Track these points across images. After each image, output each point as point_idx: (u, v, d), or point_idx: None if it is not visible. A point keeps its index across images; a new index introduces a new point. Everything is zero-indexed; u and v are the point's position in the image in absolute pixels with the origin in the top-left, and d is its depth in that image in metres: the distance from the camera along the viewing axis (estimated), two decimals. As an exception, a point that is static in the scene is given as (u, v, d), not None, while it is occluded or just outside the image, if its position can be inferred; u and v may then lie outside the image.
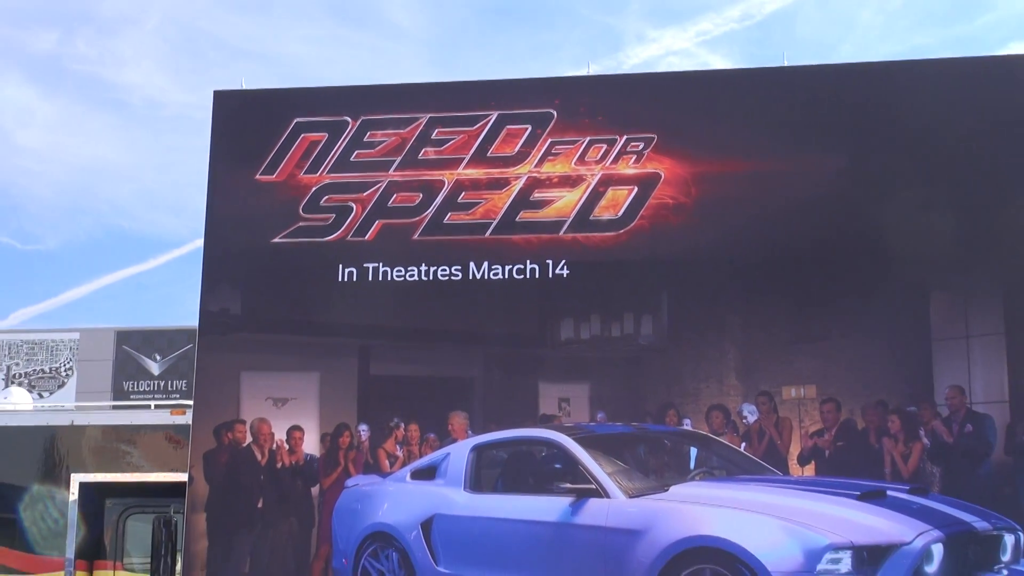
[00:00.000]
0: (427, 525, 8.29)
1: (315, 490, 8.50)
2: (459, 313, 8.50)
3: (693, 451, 8.17)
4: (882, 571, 7.63)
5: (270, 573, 8.49)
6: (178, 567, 11.95)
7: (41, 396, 17.87)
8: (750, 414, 8.08)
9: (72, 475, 12.65)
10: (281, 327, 8.79)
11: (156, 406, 14.29)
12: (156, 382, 25.14)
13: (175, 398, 21.36)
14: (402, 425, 8.44)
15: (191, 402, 13.02)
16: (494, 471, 8.32)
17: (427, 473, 8.41)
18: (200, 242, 8.91)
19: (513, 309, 8.39)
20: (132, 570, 12.67)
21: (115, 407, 17.09)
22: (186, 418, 12.89)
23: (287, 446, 8.54)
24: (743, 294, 8.29)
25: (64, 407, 15.81)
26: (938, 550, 7.58)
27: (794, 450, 7.99)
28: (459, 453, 8.35)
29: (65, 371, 25.73)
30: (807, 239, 8.21)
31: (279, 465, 8.56)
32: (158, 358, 25.52)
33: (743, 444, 8.06)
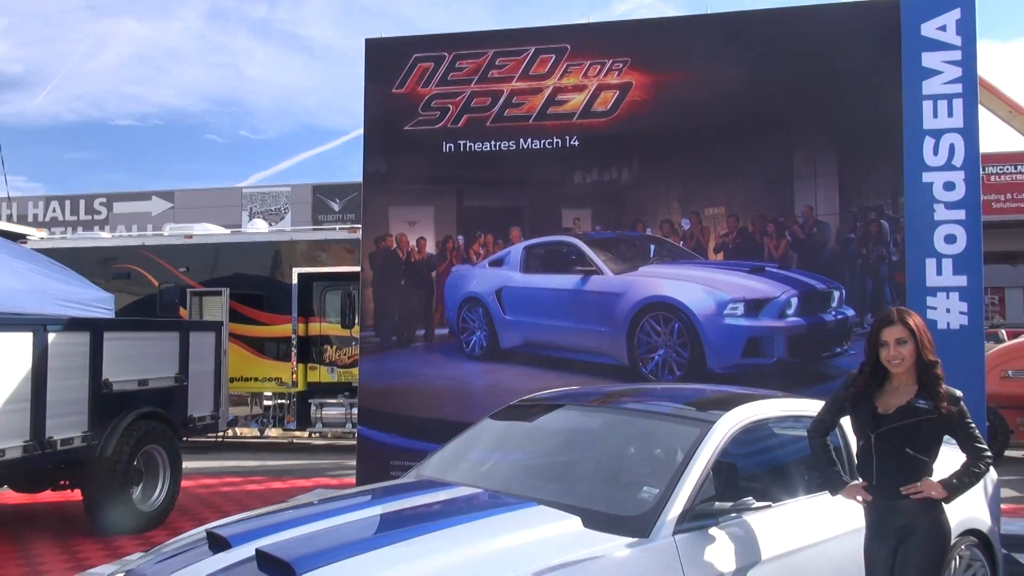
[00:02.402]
0: (499, 292, 8.55)
1: (433, 274, 8.76)
2: (515, 168, 8.55)
3: (652, 247, 8.31)
4: (762, 314, 7.88)
5: (409, 319, 8.75)
6: (356, 319, 12.43)
7: (271, 225, 18.20)
8: (685, 224, 8.20)
9: (293, 269, 13.04)
10: (411, 180, 8.88)
11: (339, 228, 14.58)
12: (337, 215, 25.43)
13: (349, 222, 21.71)
14: (482, 235, 8.64)
15: (360, 225, 13.35)
16: (537, 260, 8.51)
17: (498, 263, 8.61)
18: (360, 131, 9.04)
19: (546, 166, 8.42)
20: (329, 322, 13.14)
21: (314, 230, 17.45)
22: (357, 235, 13.22)
23: (417, 248, 8.77)
24: (682, 153, 8.28)
25: (285, 230, 16.12)
26: (795, 301, 7.81)
27: (711, 245, 8.15)
28: (516, 250, 8.54)
29: (283, 210, 26.09)
30: (723, 119, 8.13)
31: (412, 260, 8.79)
32: (338, 201, 25.75)
33: (681, 242, 8.20)
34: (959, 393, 3.30)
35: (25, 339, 6.41)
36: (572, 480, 3.86)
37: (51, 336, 6.61)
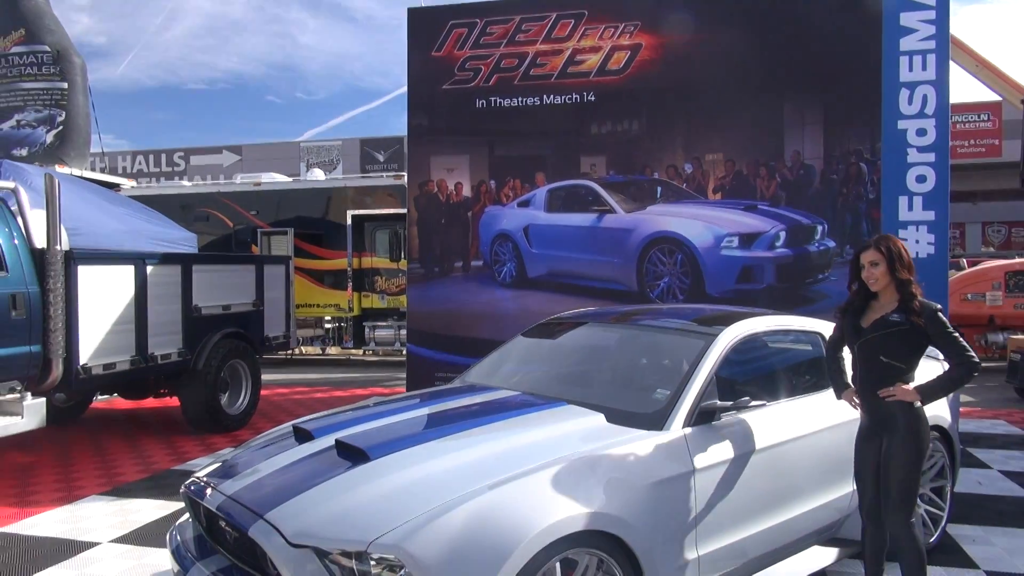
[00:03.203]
0: (526, 229, 8.55)
1: (469, 214, 8.77)
2: (539, 121, 8.44)
3: (659, 188, 8.25)
4: (754, 246, 7.84)
5: (448, 253, 8.79)
6: (402, 254, 12.48)
7: (327, 173, 18.09)
8: (688, 168, 8.13)
9: (347, 211, 13.06)
10: (449, 132, 8.78)
11: (386, 176, 14.45)
12: (383, 165, 25.24)
13: (393, 170, 21.65)
14: (511, 180, 8.59)
15: (403, 173, 13.23)
16: (559, 201, 8.49)
17: (525, 204, 8.59)
18: (402, 90, 8.96)
19: (566, 119, 8.33)
20: (379, 256, 13.19)
21: (363, 177, 17.35)
22: (402, 181, 13.16)
23: (454, 192, 8.76)
24: (686, 105, 8.15)
25: (340, 178, 16.03)
26: (783, 234, 7.75)
27: (710, 186, 8.09)
28: (541, 193, 8.51)
29: (335, 160, 25.91)
30: (722, 75, 7.99)
31: (451, 202, 8.79)
32: (383, 152, 25.55)
33: (684, 184, 8.15)
34: (935, 306, 3.25)
35: (128, 271, 6.54)
36: (595, 385, 3.93)
37: (149, 269, 6.74)
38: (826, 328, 4.29)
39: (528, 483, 2.74)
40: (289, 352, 12.76)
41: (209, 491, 3.03)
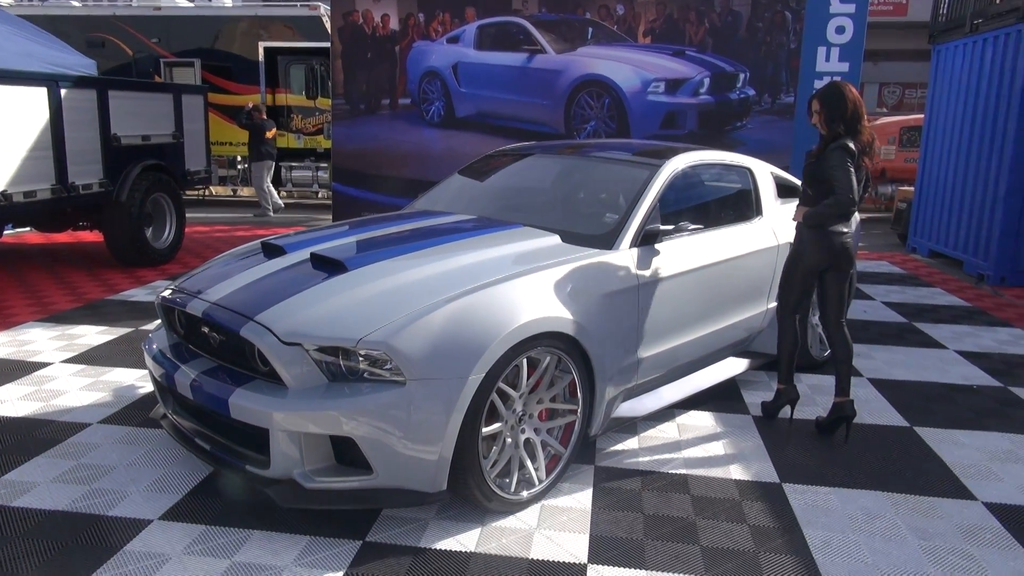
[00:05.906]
0: (455, 67, 8.48)
1: (396, 48, 8.57)
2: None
3: (590, 29, 8.27)
4: (679, 91, 8.08)
5: (375, 89, 8.66)
6: (319, 92, 12.05)
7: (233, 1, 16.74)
8: (620, 10, 8.13)
9: (259, 43, 12.39)
10: None
11: (300, 5, 13.58)
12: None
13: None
14: (441, 14, 8.41)
15: (317, 3, 12.50)
16: (489, 39, 8.37)
17: (454, 40, 8.46)
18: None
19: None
20: (292, 92, 12.71)
21: (273, 5, 16.19)
22: (318, 12, 12.47)
23: (381, 24, 8.51)
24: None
25: (251, 4, 14.75)
26: (707, 80, 8.01)
27: (641, 29, 8.16)
28: (471, 29, 8.37)
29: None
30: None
31: (377, 35, 8.56)
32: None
33: (615, 26, 8.19)
34: (847, 146, 3.52)
35: (40, 94, 6.19)
36: (548, 210, 4.18)
37: (63, 92, 6.39)
38: (754, 164, 4.66)
39: (497, 291, 3.02)
40: (200, 193, 12.42)
41: (190, 299, 3.17)
